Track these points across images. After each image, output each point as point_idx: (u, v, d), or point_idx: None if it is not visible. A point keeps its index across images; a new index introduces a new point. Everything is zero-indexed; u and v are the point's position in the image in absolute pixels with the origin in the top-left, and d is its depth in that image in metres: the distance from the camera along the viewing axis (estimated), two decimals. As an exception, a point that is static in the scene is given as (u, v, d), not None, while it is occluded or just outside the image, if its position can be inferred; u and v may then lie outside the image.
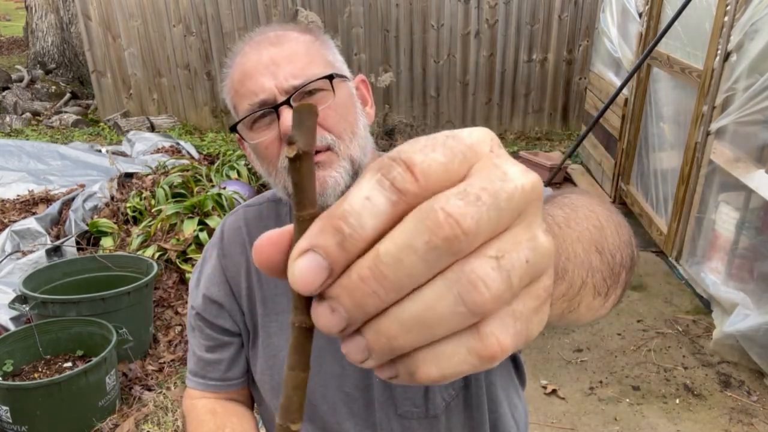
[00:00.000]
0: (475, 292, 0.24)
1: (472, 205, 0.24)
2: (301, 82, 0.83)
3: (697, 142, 3.08)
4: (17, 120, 6.50)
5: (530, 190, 0.26)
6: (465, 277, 0.24)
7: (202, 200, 3.47)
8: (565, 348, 2.87)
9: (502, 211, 0.25)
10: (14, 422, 2.22)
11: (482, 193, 0.25)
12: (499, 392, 0.97)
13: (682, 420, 2.41)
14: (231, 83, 0.89)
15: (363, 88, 0.96)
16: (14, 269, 3.10)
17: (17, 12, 14.78)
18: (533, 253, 0.26)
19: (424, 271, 0.24)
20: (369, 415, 0.93)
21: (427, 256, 0.24)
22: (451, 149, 0.26)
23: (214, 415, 0.98)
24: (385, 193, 0.25)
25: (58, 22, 8.15)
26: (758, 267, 2.67)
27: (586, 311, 0.46)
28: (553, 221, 0.44)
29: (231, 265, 0.99)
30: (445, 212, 0.24)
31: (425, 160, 0.25)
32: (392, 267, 0.24)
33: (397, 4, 6.04)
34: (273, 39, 0.86)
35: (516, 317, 0.26)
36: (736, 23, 2.74)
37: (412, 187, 0.25)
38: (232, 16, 6.10)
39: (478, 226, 0.24)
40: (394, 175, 0.25)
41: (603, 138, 4.70)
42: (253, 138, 0.87)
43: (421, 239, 0.24)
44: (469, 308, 0.25)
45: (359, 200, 0.25)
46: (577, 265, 0.43)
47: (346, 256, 0.25)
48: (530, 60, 6.25)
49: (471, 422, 0.95)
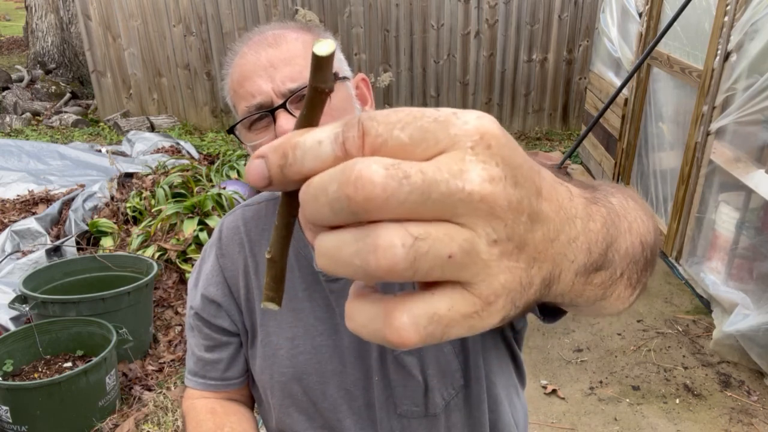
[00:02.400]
0: (372, 254, 0.25)
1: (392, 178, 0.25)
2: (297, 85, 0.83)
3: (697, 142, 3.08)
4: (17, 120, 6.50)
5: (478, 200, 0.26)
6: (373, 236, 0.26)
7: (202, 200, 3.47)
8: (565, 348, 2.87)
9: (429, 201, 0.25)
10: (14, 422, 2.22)
11: (416, 175, 0.25)
12: (500, 392, 0.97)
13: (682, 420, 2.41)
14: (230, 84, 0.89)
15: (363, 87, 0.96)
16: (14, 269, 3.11)
17: (17, 12, 14.78)
18: (462, 255, 0.26)
19: (329, 215, 0.26)
20: (369, 413, 0.93)
21: (333, 204, 0.26)
22: (425, 132, 0.26)
23: (214, 415, 0.98)
24: (333, 145, 0.27)
25: (58, 22, 8.15)
26: (758, 267, 2.67)
27: (615, 300, 0.47)
28: (614, 209, 0.43)
29: (229, 264, 0.99)
30: (359, 173, 0.25)
31: (381, 135, 0.26)
32: (308, 201, 0.27)
33: (397, 4, 6.04)
34: (270, 40, 0.86)
35: (431, 317, 0.27)
36: (736, 23, 2.74)
37: (356, 152, 0.27)
38: (232, 16, 6.10)
39: (386, 199, 0.25)
40: (348, 135, 0.27)
41: (603, 138, 4.70)
42: (250, 139, 0.87)
43: (332, 187, 0.26)
44: (362, 267, 0.26)
45: (312, 140, 0.27)
46: (623, 255, 0.43)
47: (282, 179, 0.28)
48: (530, 60, 6.25)
49: (471, 421, 0.95)
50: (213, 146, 5.61)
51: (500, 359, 0.98)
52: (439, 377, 0.91)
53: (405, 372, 0.90)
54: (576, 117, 6.44)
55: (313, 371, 0.93)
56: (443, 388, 0.92)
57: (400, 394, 0.91)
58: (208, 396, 1.02)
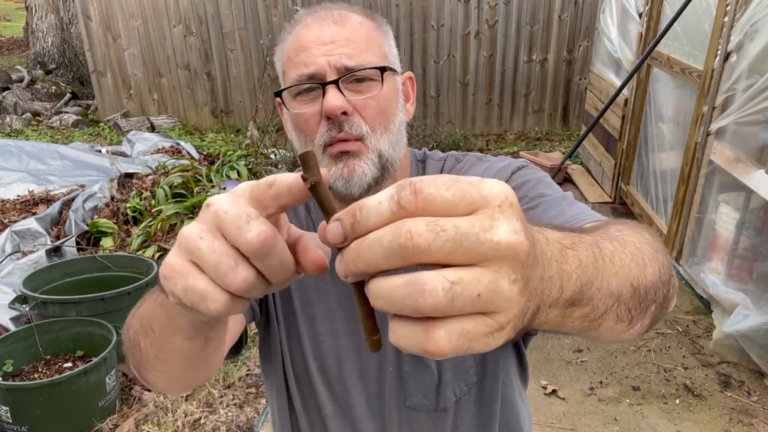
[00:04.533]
0: (420, 296, 0.33)
1: (432, 232, 0.33)
2: (354, 64, 0.83)
3: (697, 143, 3.08)
4: (17, 120, 6.51)
5: (505, 248, 0.34)
6: (420, 283, 0.33)
7: (202, 200, 3.47)
8: (565, 348, 2.87)
9: (462, 249, 0.33)
10: (14, 422, 2.22)
11: (451, 228, 0.33)
12: (509, 392, 0.98)
13: (682, 420, 2.41)
14: (285, 50, 0.88)
15: (409, 85, 0.97)
16: (14, 269, 3.11)
17: (17, 12, 14.78)
18: (488, 293, 0.34)
19: (381, 259, 0.34)
20: (379, 403, 0.94)
21: (386, 251, 0.34)
22: (464, 192, 0.34)
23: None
24: (391, 204, 0.35)
25: (58, 23, 8.15)
26: (758, 267, 2.67)
27: (607, 332, 0.52)
28: (600, 254, 0.49)
29: (290, 214, 0.96)
30: (409, 228, 0.33)
31: (432, 193, 0.34)
32: (366, 248, 0.35)
33: (397, 4, 6.04)
34: (337, 17, 0.86)
35: (461, 333, 0.34)
36: (736, 23, 2.74)
37: (411, 207, 0.34)
38: (232, 16, 6.10)
39: (428, 248, 0.33)
40: (402, 194, 0.34)
41: (603, 138, 4.70)
42: (295, 108, 0.86)
43: (386, 238, 0.34)
44: (412, 305, 0.34)
45: (374, 202, 0.35)
46: (605, 295, 0.48)
47: (353, 233, 0.36)
48: (530, 60, 6.25)
49: (480, 420, 0.95)
50: (213, 146, 5.62)
51: (509, 359, 0.98)
52: (453, 372, 0.91)
53: (421, 364, 0.90)
54: (576, 117, 6.44)
55: (330, 352, 0.93)
56: (456, 383, 0.92)
57: (412, 386, 0.91)
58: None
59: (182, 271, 0.43)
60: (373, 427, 0.94)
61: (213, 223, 0.42)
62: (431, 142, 5.52)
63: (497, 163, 0.93)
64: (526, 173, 0.89)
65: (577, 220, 0.75)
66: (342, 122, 0.83)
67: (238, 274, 0.41)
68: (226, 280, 0.41)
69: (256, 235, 0.40)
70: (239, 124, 6.40)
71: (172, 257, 0.44)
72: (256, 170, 4.30)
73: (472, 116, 6.45)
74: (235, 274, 0.41)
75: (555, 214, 0.79)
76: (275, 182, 0.42)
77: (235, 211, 0.41)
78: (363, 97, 0.84)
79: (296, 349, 0.95)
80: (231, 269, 0.41)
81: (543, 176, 0.90)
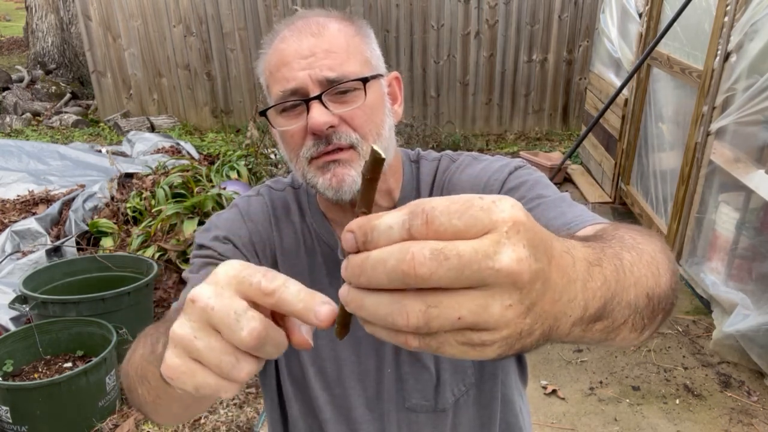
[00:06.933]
0: (399, 317, 0.35)
1: (435, 260, 0.34)
2: (336, 75, 0.82)
3: (697, 143, 3.08)
4: (17, 120, 6.51)
5: (504, 275, 0.34)
6: (401, 305, 0.35)
7: (202, 200, 3.47)
8: (565, 348, 2.87)
9: (463, 276, 0.34)
10: (14, 422, 2.22)
11: (454, 258, 0.34)
12: (509, 392, 0.98)
13: (682, 420, 2.41)
14: (267, 65, 0.88)
15: (395, 85, 0.96)
16: (14, 269, 3.11)
17: (17, 12, 14.78)
18: (471, 316, 0.35)
19: (385, 281, 0.35)
20: (378, 404, 0.94)
21: (389, 273, 0.35)
22: (475, 220, 0.35)
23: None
24: (401, 230, 0.35)
25: (58, 23, 8.15)
26: (758, 267, 2.67)
27: (620, 341, 0.53)
28: (621, 265, 0.50)
29: (256, 229, 0.94)
30: (413, 255, 0.34)
31: (444, 224, 0.35)
32: (371, 267, 0.36)
33: (397, 4, 6.04)
34: (314, 29, 0.85)
35: (439, 349, 0.36)
36: (736, 23, 2.74)
37: (420, 235, 0.35)
38: (232, 16, 6.10)
39: (430, 276, 0.34)
40: (414, 222, 0.35)
41: (603, 138, 4.70)
42: (280, 125, 0.86)
43: (391, 260, 0.35)
44: (393, 323, 0.36)
45: (385, 225, 0.36)
46: (624, 306, 0.49)
47: (364, 248, 0.37)
48: (530, 60, 6.25)
49: (479, 420, 0.95)
50: (213, 146, 5.62)
51: (507, 360, 0.98)
52: (452, 372, 0.91)
53: (419, 365, 0.90)
54: (576, 117, 6.44)
55: (328, 356, 0.93)
56: (454, 384, 0.92)
57: (411, 387, 0.91)
58: None
59: (187, 372, 0.45)
60: (372, 429, 0.94)
61: (203, 320, 0.44)
62: (431, 142, 5.52)
63: (494, 163, 0.93)
64: (523, 174, 0.89)
65: (578, 221, 0.75)
66: (329, 135, 0.82)
67: (242, 369, 0.44)
68: (232, 376, 0.44)
69: (248, 333, 0.42)
70: (239, 124, 6.40)
71: (172, 359, 0.45)
72: (256, 170, 4.29)
73: (472, 116, 6.45)
74: (239, 370, 0.44)
75: (555, 216, 0.79)
76: (277, 294, 0.43)
77: (222, 307, 0.43)
78: (348, 108, 0.83)
79: (293, 355, 0.94)
80: (233, 366, 0.44)
81: (540, 177, 0.89)
